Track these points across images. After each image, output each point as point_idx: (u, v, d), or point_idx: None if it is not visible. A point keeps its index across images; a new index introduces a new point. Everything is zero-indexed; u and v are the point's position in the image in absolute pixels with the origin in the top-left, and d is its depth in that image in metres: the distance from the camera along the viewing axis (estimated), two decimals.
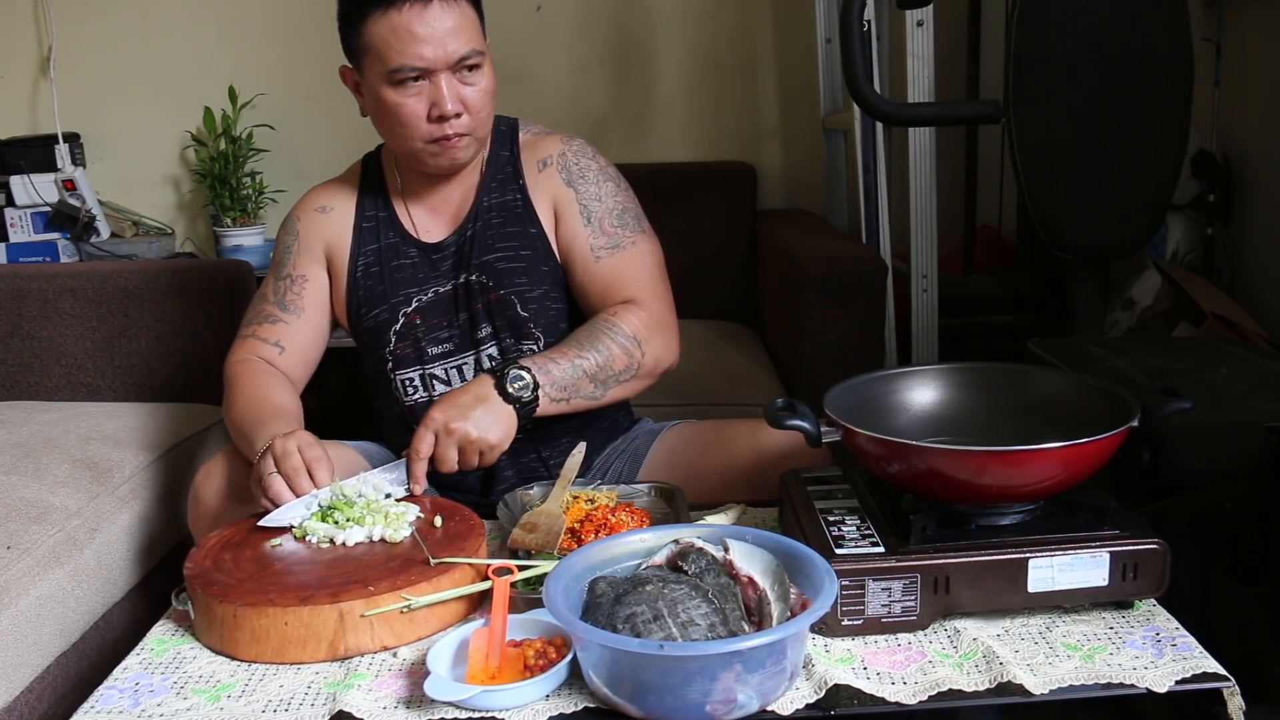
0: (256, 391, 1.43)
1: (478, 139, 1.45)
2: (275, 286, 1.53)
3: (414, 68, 1.36)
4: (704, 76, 2.90)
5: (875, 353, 2.14)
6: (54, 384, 2.10)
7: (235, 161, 2.76)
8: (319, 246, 1.53)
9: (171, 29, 2.83)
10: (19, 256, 2.66)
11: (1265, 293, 2.32)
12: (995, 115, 1.80)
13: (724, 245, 2.72)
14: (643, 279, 1.47)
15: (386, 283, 1.51)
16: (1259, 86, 2.32)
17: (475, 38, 1.39)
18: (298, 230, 1.54)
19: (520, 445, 1.49)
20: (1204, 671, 0.96)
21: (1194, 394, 1.12)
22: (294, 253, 1.53)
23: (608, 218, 1.49)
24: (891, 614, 1.03)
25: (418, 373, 1.50)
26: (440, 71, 1.36)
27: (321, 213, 1.54)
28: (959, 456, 1.04)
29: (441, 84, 1.37)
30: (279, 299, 1.52)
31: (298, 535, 1.19)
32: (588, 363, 1.38)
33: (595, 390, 1.39)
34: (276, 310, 1.52)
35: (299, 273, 1.53)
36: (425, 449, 1.28)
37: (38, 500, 1.57)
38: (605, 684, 0.92)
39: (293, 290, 1.52)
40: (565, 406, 1.37)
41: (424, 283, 1.51)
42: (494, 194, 1.51)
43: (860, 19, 1.77)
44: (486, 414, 1.29)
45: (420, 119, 1.39)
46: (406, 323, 1.49)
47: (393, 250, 1.52)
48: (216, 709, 0.97)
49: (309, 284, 1.53)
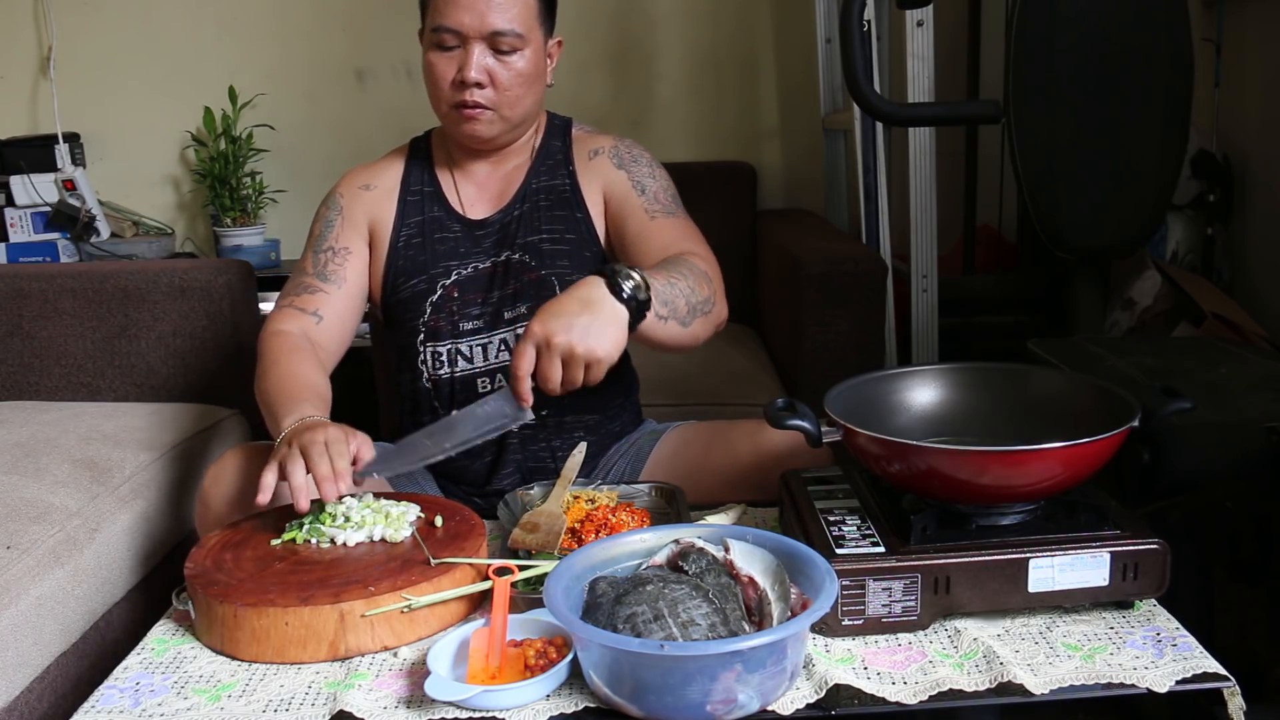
0: (288, 366, 1.40)
1: (504, 118, 1.47)
2: (315, 259, 1.53)
3: (449, 29, 1.41)
4: (704, 76, 2.90)
5: (875, 353, 2.14)
6: (54, 384, 2.10)
7: (235, 161, 2.76)
8: (363, 221, 1.54)
9: (171, 29, 2.83)
10: (19, 256, 2.66)
11: (1265, 293, 2.32)
12: (995, 115, 1.80)
13: (724, 245, 2.68)
14: (698, 241, 1.47)
15: (427, 254, 1.52)
16: (1259, 86, 2.32)
17: (522, 20, 1.43)
18: (341, 205, 1.55)
19: (532, 434, 1.50)
20: (1204, 671, 0.96)
21: (1194, 394, 1.12)
22: (336, 226, 1.54)
23: (661, 193, 1.52)
24: (892, 614, 1.03)
25: (447, 347, 1.51)
26: (474, 40, 1.41)
27: (365, 189, 1.56)
28: (959, 456, 1.04)
29: (472, 52, 1.42)
30: (319, 270, 1.52)
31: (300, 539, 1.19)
32: (682, 283, 1.29)
33: (686, 315, 1.29)
34: (316, 281, 1.51)
35: (341, 245, 1.53)
36: (526, 365, 1.14)
37: (38, 500, 1.57)
38: (605, 684, 0.92)
39: (334, 261, 1.52)
40: (663, 329, 1.26)
41: (465, 257, 1.53)
42: (543, 177, 1.55)
43: (860, 19, 1.77)
44: (594, 321, 1.14)
45: (446, 81, 1.44)
46: (444, 295, 1.51)
47: (436, 224, 1.54)
48: (217, 709, 0.97)
49: (351, 256, 1.53)
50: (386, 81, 2.87)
